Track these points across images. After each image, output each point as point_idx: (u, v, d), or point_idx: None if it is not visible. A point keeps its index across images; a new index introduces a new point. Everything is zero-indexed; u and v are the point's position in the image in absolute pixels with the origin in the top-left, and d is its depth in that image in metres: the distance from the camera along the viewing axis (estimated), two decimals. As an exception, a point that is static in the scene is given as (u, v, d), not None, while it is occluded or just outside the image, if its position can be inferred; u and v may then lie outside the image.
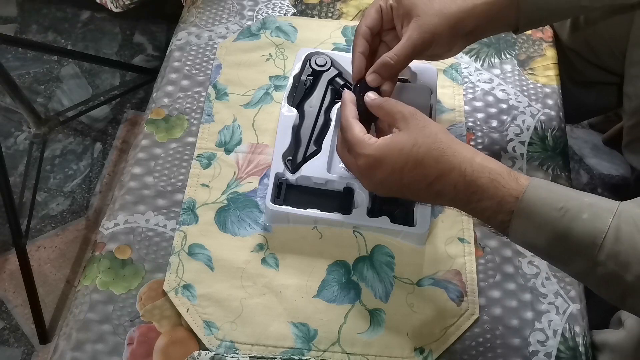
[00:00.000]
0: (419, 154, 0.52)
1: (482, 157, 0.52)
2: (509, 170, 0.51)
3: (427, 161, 0.52)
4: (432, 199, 0.55)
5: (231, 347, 0.60)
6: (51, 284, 1.25)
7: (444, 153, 0.51)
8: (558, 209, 0.47)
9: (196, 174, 0.70)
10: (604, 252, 0.46)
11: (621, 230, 0.45)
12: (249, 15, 0.85)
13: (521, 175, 0.51)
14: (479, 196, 0.51)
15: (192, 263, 0.64)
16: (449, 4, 0.59)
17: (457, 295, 0.63)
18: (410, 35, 0.58)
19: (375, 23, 0.61)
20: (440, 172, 0.51)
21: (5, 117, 1.47)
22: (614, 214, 0.46)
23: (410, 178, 0.53)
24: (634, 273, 0.45)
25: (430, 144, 0.52)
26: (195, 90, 0.77)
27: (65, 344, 0.61)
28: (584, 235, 0.46)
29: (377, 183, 0.56)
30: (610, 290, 0.48)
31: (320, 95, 0.70)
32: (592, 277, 0.48)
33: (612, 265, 0.46)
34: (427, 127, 0.53)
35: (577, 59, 0.85)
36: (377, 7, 0.61)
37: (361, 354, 0.60)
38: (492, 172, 0.50)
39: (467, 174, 0.51)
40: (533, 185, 0.49)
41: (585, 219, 0.47)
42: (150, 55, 1.58)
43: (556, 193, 0.49)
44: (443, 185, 0.52)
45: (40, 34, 1.60)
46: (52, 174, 1.39)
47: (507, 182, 0.50)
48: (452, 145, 0.52)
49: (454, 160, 0.51)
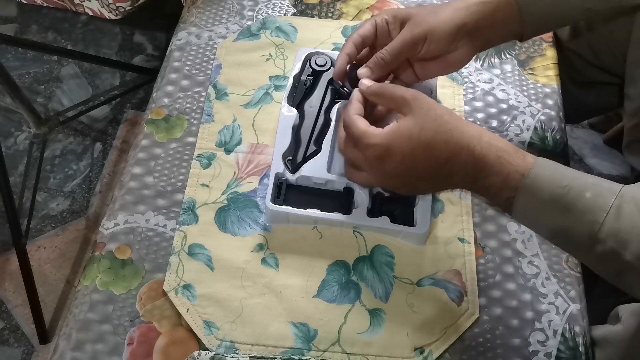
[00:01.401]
0: (427, 138, 0.52)
1: (489, 136, 0.52)
2: (515, 148, 0.52)
3: (436, 144, 0.52)
4: (442, 182, 0.56)
5: (231, 347, 0.60)
6: (51, 284, 1.25)
7: (453, 134, 0.52)
8: (562, 187, 0.48)
9: (196, 174, 0.70)
10: (604, 230, 0.47)
11: (623, 210, 0.46)
12: (249, 15, 0.85)
13: (528, 154, 0.51)
14: (486, 173, 0.51)
15: (192, 263, 0.64)
16: (443, 6, 0.61)
17: (457, 295, 0.63)
18: (401, 33, 0.60)
19: (369, 34, 0.62)
20: (450, 153, 0.52)
21: (5, 117, 1.47)
22: (617, 193, 0.47)
23: (422, 163, 0.53)
24: (633, 252, 0.46)
25: (438, 127, 0.52)
26: (195, 90, 0.77)
27: (65, 344, 0.61)
28: (586, 212, 0.48)
29: (388, 174, 0.56)
30: (608, 268, 0.49)
31: (320, 95, 0.70)
32: (591, 254, 0.49)
33: (612, 243, 0.47)
34: (431, 109, 0.53)
35: (577, 59, 0.85)
36: (372, 21, 0.62)
37: (361, 354, 0.60)
38: (499, 149, 0.51)
39: (476, 151, 0.51)
40: (539, 163, 0.50)
41: (588, 197, 0.48)
42: (150, 55, 1.58)
43: (561, 172, 0.50)
44: (453, 165, 0.53)
45: (40, 34, 1.60)
46: (52, 174, 1.39)
47: (513, 159, 0.51)
48: (459, 126, 0.53)
49: (462, 140, 0.52)
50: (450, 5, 0.60)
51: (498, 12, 0.60)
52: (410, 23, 0.60)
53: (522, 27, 0.61)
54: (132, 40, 1.60)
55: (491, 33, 0.62)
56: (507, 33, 0.63)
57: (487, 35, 0.62)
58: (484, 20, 0.60)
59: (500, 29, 0.62)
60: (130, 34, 1.61)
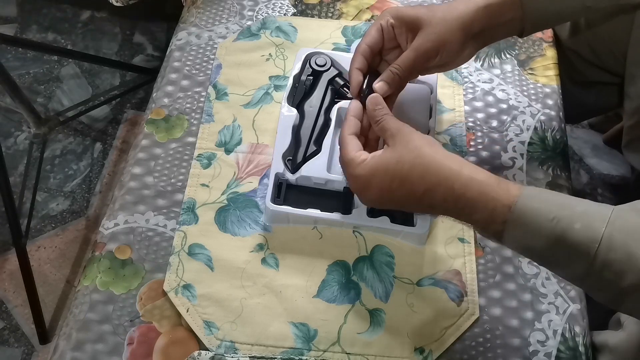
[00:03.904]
0: (403, 170, 0.52)
1: (470, 169, 0.51)
2: (498, 180, 0.50)
3: (412, 177, 0.52)
4: (426, 211, 0.56)
5: (231, 347, 0.60)
6: (51, 284, 1.25)
7: (428, 168, 0.51)
8: (550, 220, 0.47)
9: (196, 174, 0.70)
10: (597, 262, 0.45)
11: (614, 239, 0.45)
12: (249, 15, 0.85)
13: (512, 185, 0.50)
14: (470, 209, 0.50)
15: (192, 263, 0.64)
16: (452, 10, 0.59)
17: (457, 295, 0.63)
18: (413, 46, 0.59)
19: (376, 41, 0.61)
20: (426, 187, 0.51)
21: (5, 117, 1.47)
22: (606, 222, 0.46)
23: (400, 195, 0.53)
24: (630, 280, 0.44)
25: (413, 159, 0.52)
26: (195, 90, 0.77)
27: (65, 344, 0.61)
28: (577, 245, 0.46)
29: (370, 201, 0.57)
30: (606, 295, 0.48)
31: (320, 95, 0.70)
32: (587, 283, 0.48)
33: (607, 274, 0.45)
34: (411, 141, 0.53)
35: (577, 59, 0.85)
36: (377, 26, 0.61)
37: (361, 354, 0.60)
38: (482, 184, 0.50)
39: (456, 188, 0.50)
40: (524, 195, 0.49)
41: (578, 229, 0.46)
42: (150, 55, 1.58)
43: (548, 202, 0.48)
44: (432, 199, 0.52)
45: (40, 34, 1.60)
46: (52, 174, 1.39)
47: (497, 192, 0.49)
48: (436, 159, 0.51)
49: (439, 175, 0.51)
50: (455, 8, 0.59)
51: (504, 13, 0.59)
52: (421, 35, 0.59)
53: (524, 24, 0.61)
54: (132, 40, 1.60)
55: (495, 33, 0.62)
56: (510, 30, 0.62)
57: (491, 35, 0.62)
58: (490, 23, 0.60)
59: (504, 28, 0.62)
60: (130, 34, 1.61)
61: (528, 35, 0.63)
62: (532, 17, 0.61)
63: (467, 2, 0.59)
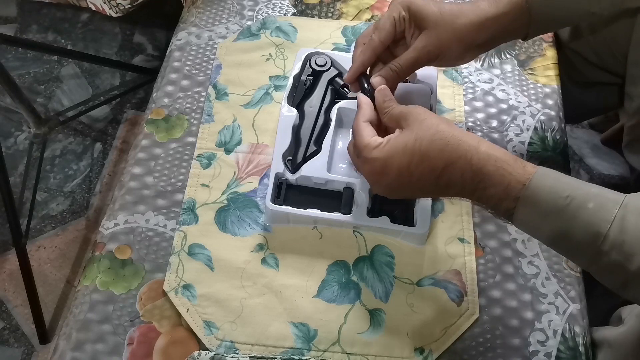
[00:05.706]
0: (422, 147, 0.52)
1: (487, 145, 0.52)
2: (515, 157, 0.51)
3: (431, 153, 0.51)
4: (441, 191, 0.55)
5: (231, 347, 0.60)
6: (51, 284, 1.25)
7: (448, 143, 0.51)
8: (564, 197, 0.47)
9: (196, 174, 0.70)
10: (608, 242, 0.46)
11: (627, 221, 0.45)
12: (249, 15, 0.85)
13: (528, 163, 0.51)
14: (485, 184, 0.51)
15: (192, 263, 0.64)
16: (460, 17, 0.58)
17: (457, 295, 0.63)
18: (416, 46, 0.59)
19: (390, 36, 0.61)
20: (446, 162, 0.51)
21: (5, 117, 1.47)
22: (620, 204, 0.46)
23: (419, 173, 0.53)
24: (638, 263, 0.45)
25: (432, 135, 0.52)
26: (195, 90, 0.77)
27: (65, 344, 0.61)
28: (588, 224, 0.46)
29: (387, 187, 0.55)
30: (613, 279, 0.48)
31: (320, 95, 0.70)
32: (595, 265, 0.48)
33: (616, 255, 0.46)
34: (426, 119, 0.53)
35: (577, 59, 0.85)
36: (391, 20, 0.61)
37: (361, 354, 0.60)
38: (498, 159, 0.50)
39: (474, 162, 0.50)
40: (540, 173, 0.49)
41: (590, 208, 0.46)
42: (150, 55, 1.58)
43: (563, 182, 0.49)
44: (451, 175, 0.52)
45: (40, 34, 1.60)
46: (52, 174, 1.39)
47: (513, 169, 0.50)
48: (455, 135, 0.52)
49: (459, 149, 0.51)
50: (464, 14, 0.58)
51: (512, 22, 0.59)
52: (425, 37, 0.59)
53: (528, 30, 0.61)
54: (132, 40, 1.60)
55: (500, 40, 0.62)
56: (514, 36, 0.63)
57: (495, 42, 0.62)
58: (497, 34, 0.60)
59: (510, 35, 0.62)
60: (130, 34, 1.61)
61: (531, 38, 0.63)
62: (538, 23, 0.61)
63: (475, 10, 0.59)
